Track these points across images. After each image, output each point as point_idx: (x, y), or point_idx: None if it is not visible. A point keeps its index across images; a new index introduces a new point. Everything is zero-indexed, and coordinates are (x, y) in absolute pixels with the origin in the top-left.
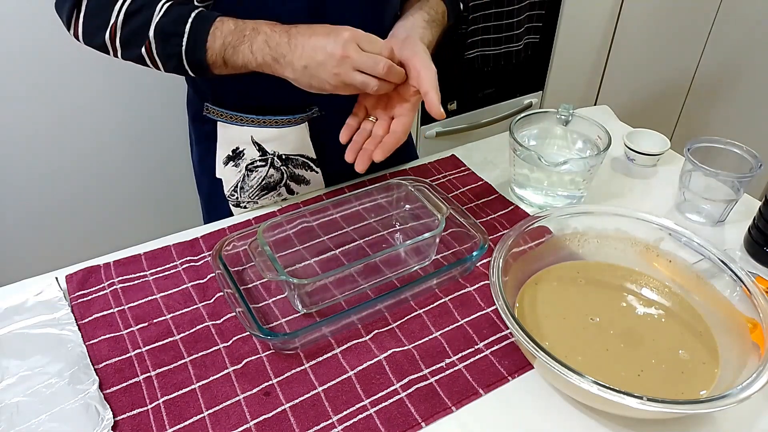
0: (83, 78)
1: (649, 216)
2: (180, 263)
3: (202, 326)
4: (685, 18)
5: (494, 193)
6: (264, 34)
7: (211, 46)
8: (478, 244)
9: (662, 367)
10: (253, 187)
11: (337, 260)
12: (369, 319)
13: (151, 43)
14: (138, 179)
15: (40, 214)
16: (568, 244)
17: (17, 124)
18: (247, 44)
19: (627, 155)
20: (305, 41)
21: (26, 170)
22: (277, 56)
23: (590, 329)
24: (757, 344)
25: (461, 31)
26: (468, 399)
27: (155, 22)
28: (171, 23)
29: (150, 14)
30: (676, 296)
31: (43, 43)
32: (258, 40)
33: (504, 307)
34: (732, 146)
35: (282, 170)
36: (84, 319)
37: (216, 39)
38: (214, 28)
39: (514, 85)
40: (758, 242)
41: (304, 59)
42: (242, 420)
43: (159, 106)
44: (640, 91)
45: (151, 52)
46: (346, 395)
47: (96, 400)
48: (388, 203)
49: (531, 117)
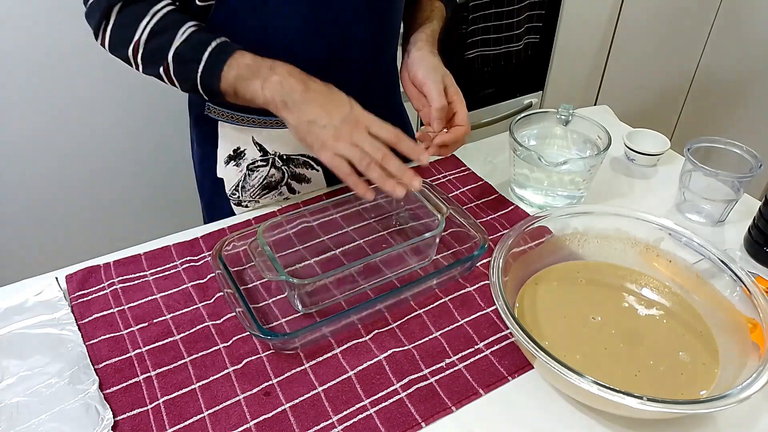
0: (84, 78)
1: (649, 216)
2: (180, 263)
3: (202, 326)
4: (685, 18)
5: (494, 193)
6: (280, 75)
7: (225, 76)
8: (478, 244)
9: (660, 368)
10: (254, 186)
11: (337, 260)
12: (369, 319)
13: (169, 65)
14: (138, 179)
15: (40, 214)
16: (568, 244)
17: (18, 124)
18: (259, 80)
19: (627, 155)
20: (320, 99)
21: (26, 170)
22: (287, 100)
23: (590, 329)
24: (757, 344)
25: (461, 31)
26: (468, 399)
27: (176, 45)
28: (191, 49)
29: (173, 36)
30: (676, 296)
31: (45, 46)
32: (272, 80)
33: (504, 307)
34: (732, 146)
35: (283, 170)
36: (84, 319)
37: (231, 69)
38: (231, 59)
39: (514, 85)
40: (758, 242)
41: (312, 114)
42: (242, 420)
43: (159, 106)
44: (640, 91)
45: (168, 73)
46: (346, 395)
47: (96, 400)
48: (388, 203)
49: (531, 117)
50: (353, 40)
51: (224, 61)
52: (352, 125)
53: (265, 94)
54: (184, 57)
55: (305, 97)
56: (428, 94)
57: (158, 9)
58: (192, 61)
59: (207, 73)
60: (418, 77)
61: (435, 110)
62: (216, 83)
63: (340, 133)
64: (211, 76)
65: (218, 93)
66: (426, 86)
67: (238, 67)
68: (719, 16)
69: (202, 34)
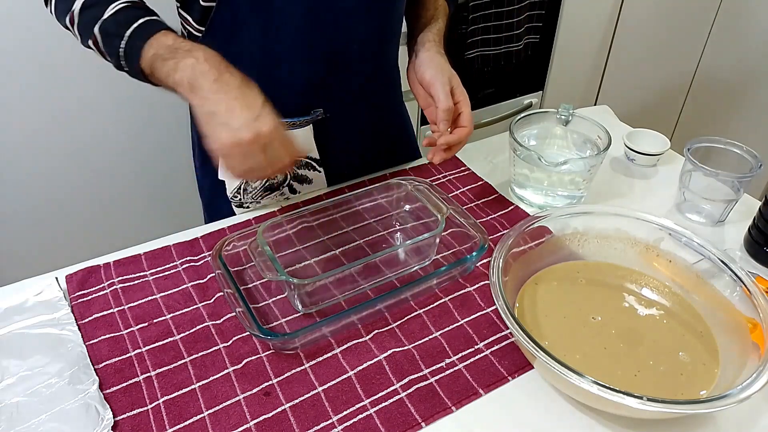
0: (84, 78)
1: (649, 216)
2: (180, 263)
3: (202, 326)
4: (685, 18)
5: (494, 193)
6: (196, 58)
7: (144, 54)
8: (478, 244)
9: (660, 368)
10: (256, 188)
11: (337, 260)
12: (369, 319)
13: (97, 38)
14: (138, 179)
15: (40, 214)
16: (568, 244)
17: (18, 124)
18: (173, 61)
19: (627, 155)
20: (231, 93)
21: (26, 170)
22: (195, 85)
23: (590, 329)
24: (757, 344)
25: (461, 31)
26: (468, 399)
27: (103, 19)
28: (116, 24)
29: (102, 10)
30: (676, 296)
31: (45, 46)
32: (186, 62)
33: (504, 307)
34: (732, 146)
35: (286, 172)
36: (84, 319)
37: (150, 48)
38: (152, 38)
39: (514, 85)
40: (758, 242)
41: (216, 106)
42: (242, 420)
43: (160, 106)
44: (640, 91)
45: (98, 46)
46: (346, 395)
47: (96, 400)
48: (388, 203)
49: (531, 117)
50: (354, 39)
51: (145, 39)
52: (252, 137)
53: (175, 76)
54: (109, 31)
55: (213, 87)
56: (435, 95)
57: None
58: (115, 36)
59: (128, 50)
60: (426, 78)
61: (441, 111)
62: (136, 61)
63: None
64: (131, 52)
65: (139, 72)
66: (434, 88)
67: (158, 46)
68: (719, 16)
69: (131, 11)
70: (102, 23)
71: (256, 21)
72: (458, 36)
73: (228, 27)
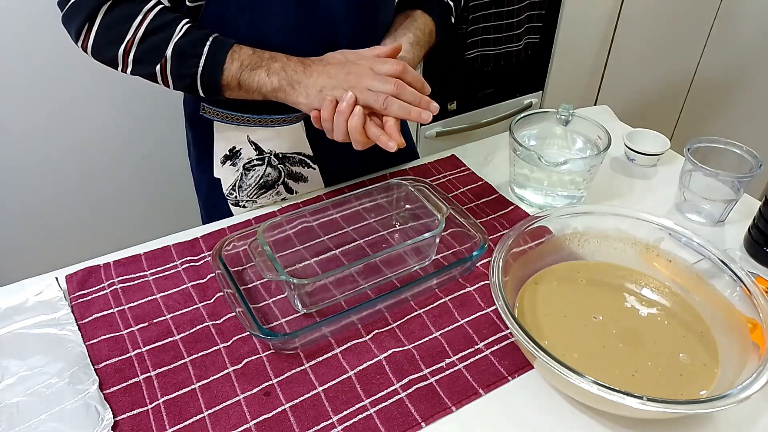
0: (82, 79)
1: (649, 216)
2: (180, 263)
3: (202, 326)
4: (685, 18)
5: (494, 193)
6: (281, 61)
7: (228, 68)
8: (478, 244)
9: (660, 368)
10: (251, 186)
11: (337, 260)
12: (369, 319)
13: (167, 61)
14: (138, 179)
15: (40, 214)
16: (568, 244)
17: (18, 124)
18: (264, 68)
19: (627, 155)
20: (320, 68)
21: (26, 170)
22: (293, 82)
23: (590, 329)
24: (757, 344)
25: (461, 31)
26: (468, 399)
27: (174, 41)
28: (190, 44)
29: (170, 34)
30: (676, 296)
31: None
32: (275, 66)
33: (504, 307)
34: (732, 146)
35: (279, 168)
36: (84, 319)
37: (234, 61)
38: (232, 51)
39: (514, 85)
40: (758, 242)
41: (319, 84)
42: (242, 420)
43: (157, 106)
44: (640, 91)
45: (164, 71)
46: (346, 395)
47: (96, 400)
48: (388, 203)
49: (531, 117)
50: (342, 38)
51: (226, 52)
52: (355, 73)
53: (272, 81)
54: (185, 51)
55: (307, 73)
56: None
57: (150, 7)
58: (192, 56)
59: (209, 66)
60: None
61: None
62: (218, 76)
63: (348, 83)
64: (213, 68)
65: (218, 87)
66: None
67: (241, 58)
68: (719, 16)
69: (197, 30)
70: (175, 45)
71: (243, 20)
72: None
73: (216, 27)
